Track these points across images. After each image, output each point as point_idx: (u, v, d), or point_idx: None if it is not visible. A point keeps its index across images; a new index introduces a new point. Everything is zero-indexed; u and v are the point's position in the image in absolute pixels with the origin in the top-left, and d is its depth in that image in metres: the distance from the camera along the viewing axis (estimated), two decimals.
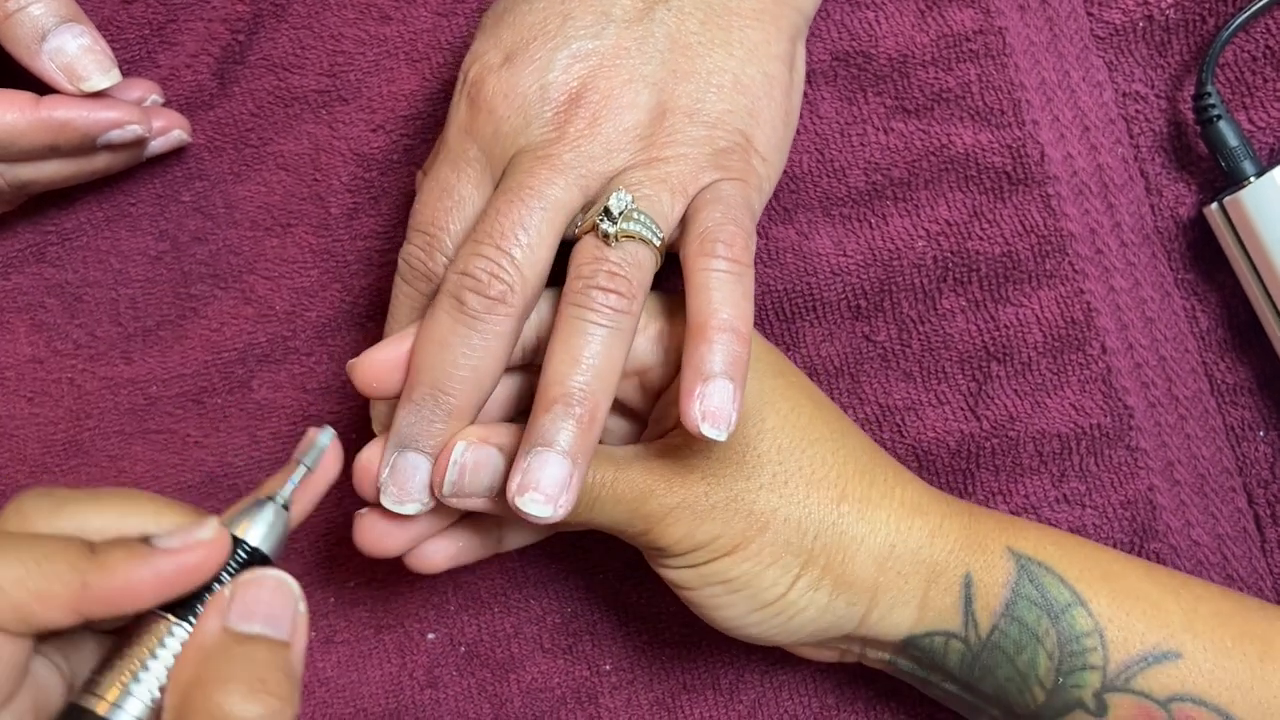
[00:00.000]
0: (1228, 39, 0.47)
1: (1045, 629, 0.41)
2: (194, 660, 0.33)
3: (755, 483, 0.41)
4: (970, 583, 0.42)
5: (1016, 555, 0.42)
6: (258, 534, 0.36)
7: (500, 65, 0.40)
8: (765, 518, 0.41)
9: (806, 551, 0.41)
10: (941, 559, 0.42)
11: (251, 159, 0.51)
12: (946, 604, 0.42)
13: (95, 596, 0.32)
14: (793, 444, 0.42)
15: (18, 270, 0.51)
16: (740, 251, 0.39)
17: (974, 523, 0.43)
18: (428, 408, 0.38)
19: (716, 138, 0.40)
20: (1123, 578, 0.42)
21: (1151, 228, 0.49)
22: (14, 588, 0.31)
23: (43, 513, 0.34)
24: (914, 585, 0.42)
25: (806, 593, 0.41)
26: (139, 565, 0.33)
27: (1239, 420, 0.49)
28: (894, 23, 0.49)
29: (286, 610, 0.35)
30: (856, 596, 0.41)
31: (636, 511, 0.40)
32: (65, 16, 0.45)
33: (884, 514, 0.42)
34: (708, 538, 0.40)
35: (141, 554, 0.33)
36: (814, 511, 0.41)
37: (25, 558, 0.32)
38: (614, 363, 0.38)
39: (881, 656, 0.44)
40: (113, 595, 0.32)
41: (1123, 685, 0.41)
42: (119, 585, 0.32)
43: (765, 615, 0.41)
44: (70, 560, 0.32)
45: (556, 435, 0.37)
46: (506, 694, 0.50)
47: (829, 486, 0.42)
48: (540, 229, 0.38)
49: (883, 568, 0.41)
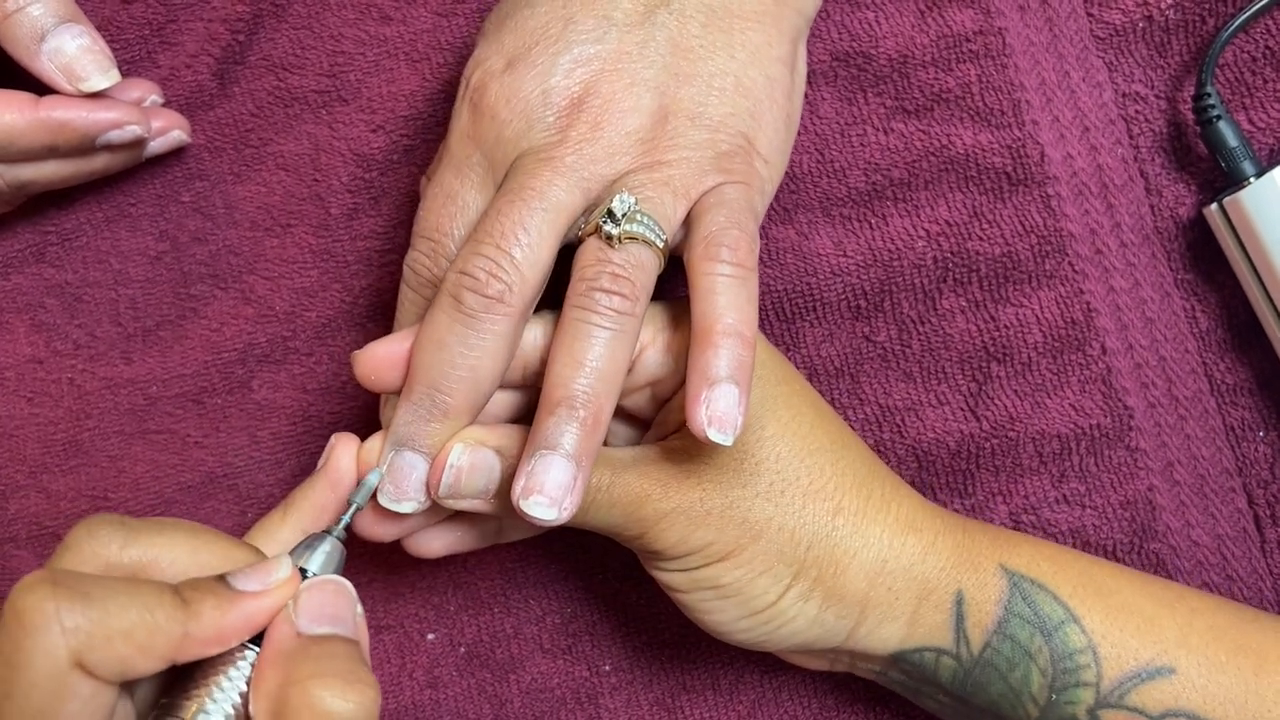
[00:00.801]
0: (1227, 39, 0.47)
1: (1038, 646, 0.41)
2: (277, 664, 0.34)
3: (751, 490, 0.41)
4: (962, 600, 0.42)
5: (1009, 573, 0.42)
6: (316, 564, 0.37)
7: (502, 70, 0.40)
8: (760, 526, 0.41)
9: (799, 562, 0.41)
10: (933, 576, 0.42)
11: (251, 159, 0.51)
12: (937, 621, 0.42)
13: (191, 645, 0.33)
14: (792, 453, 0.42)
15: (17, 270, 0.51)
16: (744, 255, 0.39)
17: (968, 539, 0.43)
18: (424, 407, 0.38)
19: (719, 141, 0.40)
20: (1117, 593, 0.42)
21: (1151, 228, 0.49)
22: (121, 640, 0.31)
23: (115, 543, 0.34)
24: (904, 601, 0.42)
25: (796, 603, 0.41)
26: (230, 612, 0.34)
27: (1239, 420, 0.49)
28: (894, 23, 0.49)
29: (349, 610, 0.36)
30: (846, 610, 0.41)
31: (632, 515, 0.40)
32: (64, 17, 0.45)
33: (878, 529, 0.42)
34: (701, 543, 0.40)
35: (229, 600, 0.34)
36: (809, 522, 0.41)
37: (129, 606, 0.32)
38: (618, 365, 0.38)
39: (871, 668, 0.44)
40: (207, 644, 0.33)
41: (1116, 701, 0.41)
42: (213, 633, 0.33)
43: (754, 622, 0.41)
44: (168, 611, 0.32)
45: (560, 438, 0.37)
46: (506, 694, 0.50)
47: (825, 498, 0.42)
48: (541, 229, 0.38)
49: (874, 583, 0.41)
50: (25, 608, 0.31)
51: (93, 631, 0.31)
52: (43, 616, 0.31)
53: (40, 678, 0.31)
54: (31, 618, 0.31)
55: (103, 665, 0.31)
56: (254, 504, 0.51)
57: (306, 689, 0.32)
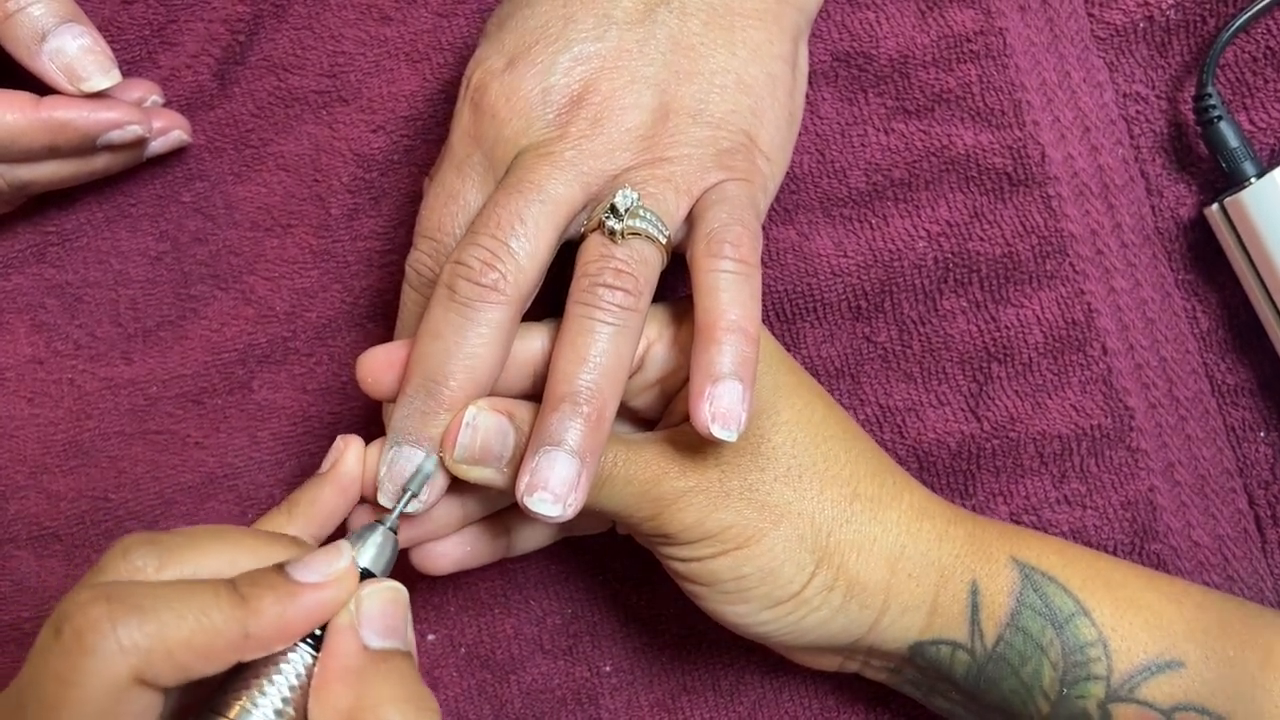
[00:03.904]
0: (1228, 40, 0.47)
1: (1050, 639, 0.41)
2: (347, 681, 0.33)
3: (770, 474, 0.40)
4: (977, 591, 0.42)
5: (1020, 564, 0.42)
6: (368, 556, 0.37)
7: (503, 70, 0.40)
8: (779, 510, 0.40)
9: (821, 549, 0.41)
10: (949, 563, 0.42)
11: (252, 160, 0.51)
12: (954, 612, 0.42)
13: (252, 645, 0.32)
14: (807, 438, 0.41)
15: (18, 271, 0.51)
16: (747, 252, 0.39)
17: (978, 530, 0.43)
18: (421, 399, 0.38)
19: (720, 138, 0.40)
20: (1125, 587, 0.42)
21: (1152, 228, 0.49)
22: (181, 650, 0.31)
23: (150, 565, 0.33)
24: (925, 589, 0.42)
25: (821, 592, 0.41)
26: (291, 606, 0.33)
27: (1240, 421, 0.49)
28: (894, 23, 0.49)
29: (405, 621, 0.35)
30: (870, 599, 0.41)
31: (647, 494, 0.39)
32: (65, 17, 0.45)
33: (894, 514, 0.42)
34: (719, 527, 0.40)
35: (290, 594, 0.33)
36: (827, 508, 0.41)
37: (186, 614, 0.31)
38: (622, 361, 0.38)
39: (886, 667, 0.44)
40: (269, 642, 0.32)
41: (1127, 695, 0.41)
42: (275, 631, 0.32)
43: (778, 614, 0.41)
44: (226, 612, 0.32)
45: (565, 434, 0.37)
46: (506, 695, 0.50)
47: (842, 484, 0.41)
48: (539, 221, 0.38)
49: (894, 569, 0.41)
50: (81, 627, 0.30)
51: (152, 647, 0.30)
52: (100, 636, 0.30)
53: (98, 695, 0.30)
54: (89, 638, 0.30)
55: (163, 676, 0.31)
56: (254, 504, 0.51)
57: (380, 715, 0.32)
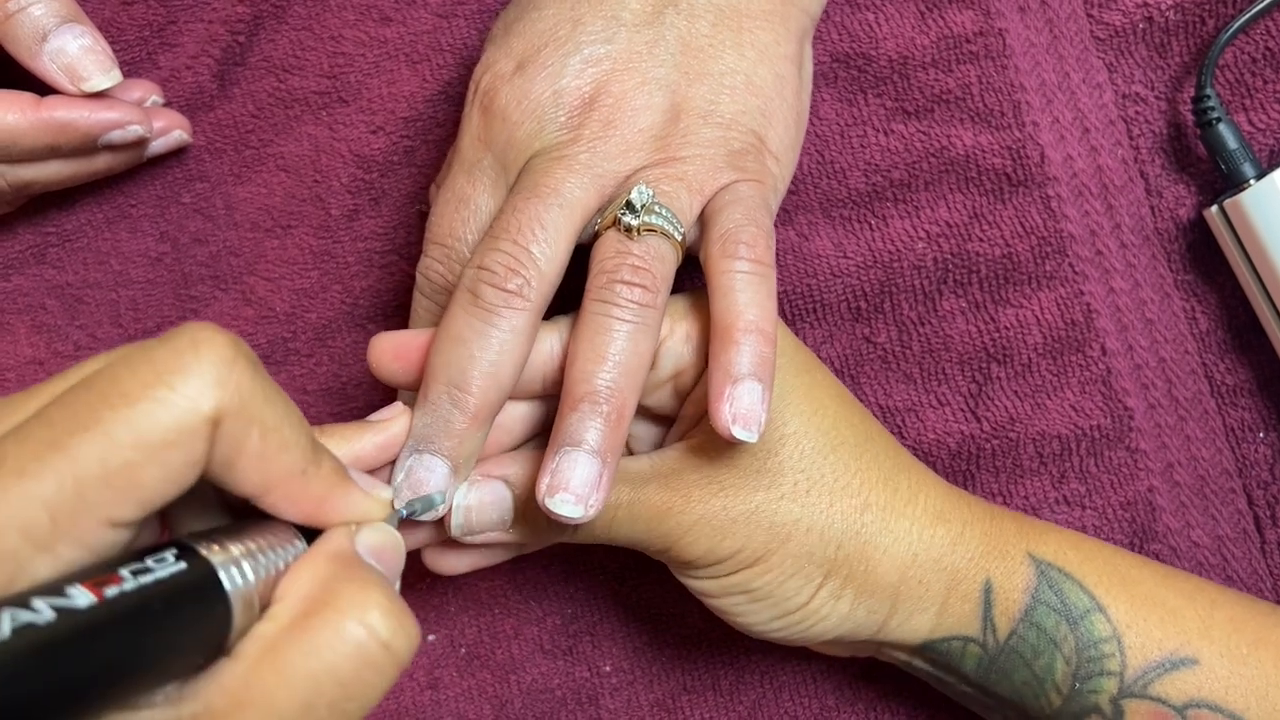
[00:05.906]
0: (1227, 41, 0.47)
1: (1064, 635, 0.41)
2: (331, 561, 0.30)
3: (776, 493, 0.40)
4: (990, 589, 0.42)
5: (1036, 561, 0.42)
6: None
7: (512, 74, 0.40)
8: (787, 529, 0.40)
9: (829, 561, 0.41)
10: (962, 566, 0.42)
11: (252, 160, 0.51)
12: (965, 610, 0.42)
13: (293, 496, 0.30)
14: (815, 449, 0.41)
15: (18, 272, 0.51)
16: (762, 252, 0.39)
17: (995, 527, 0.43)
18: (444, 406, 0.37)
19: (731, 138, 0.40)
20: (1140, 583, 0.42)
21: (1151, 229, 0.49)
22: (260, 435, 0.28)
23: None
24: (934, 592, 0.42)
25: (828, 601, 0.41)
26: (338, 486, 0.31)
27: (1239, 421, 0.49)
28: (894, 24, 0.49)
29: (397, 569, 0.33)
30: (877, 604, 0.41)
31: (655, 530, 0.39)
32: (66, 17, 0.45)
33: (906, 523, 0.42)
34: (730, 551, 0.40)
35: (344, 480, 0.32)
36: (837, 521, 0.41)
37: (293, 412, 0.30)
38: (641, 359, 0.38)
39: (898, 656, 0.44)
40: (301, 505, 0.31)
41: (1140, 691, 0.41)
42: (313, 499, 0.31)
43: (787, 622, 0.41)
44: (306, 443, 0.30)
45: (585, 434, 0.37)
46: (507, 695, 0.50)
47: (852, 495, 0.41)
48: (557, 225, 0.38)
49: (904, 576, 0.41)
50: (204, 338, 0.27)
51: (246, 401, 0.27)
52: (215, 351, 0.27)
53: (171, 410, 0.26)
54: (207, 349, 0.27)
55: (226, 439, 0.27)
56: None
57: (364, 586, 0.29)
